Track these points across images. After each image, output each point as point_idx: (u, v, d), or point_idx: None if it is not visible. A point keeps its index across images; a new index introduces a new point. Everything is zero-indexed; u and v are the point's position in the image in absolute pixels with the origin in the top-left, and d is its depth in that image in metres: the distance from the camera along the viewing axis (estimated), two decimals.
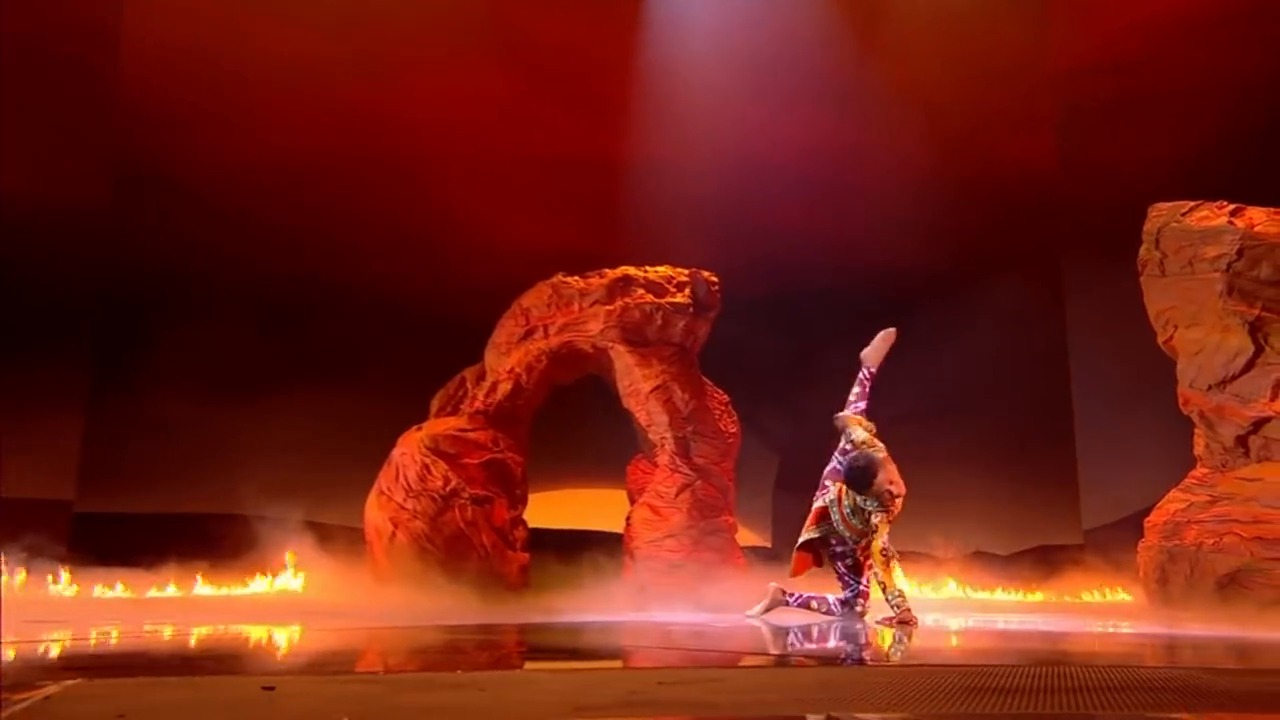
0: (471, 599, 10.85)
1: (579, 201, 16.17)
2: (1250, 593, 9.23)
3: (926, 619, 8.71)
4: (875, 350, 9.59)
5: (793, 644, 6.60)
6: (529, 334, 13.64)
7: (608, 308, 13.42)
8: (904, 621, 8.30)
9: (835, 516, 8.96)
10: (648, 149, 15.43)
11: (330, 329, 15.50)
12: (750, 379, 14.65)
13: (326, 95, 15.33)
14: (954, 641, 7.13)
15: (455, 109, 15.99)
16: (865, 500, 8.73)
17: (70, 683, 4.01)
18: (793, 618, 8.77)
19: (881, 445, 8.81)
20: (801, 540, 9.20)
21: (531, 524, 12.99)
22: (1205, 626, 8.19)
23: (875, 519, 8.64)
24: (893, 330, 9.58)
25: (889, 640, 6.95)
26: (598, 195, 15.83)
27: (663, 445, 13.04)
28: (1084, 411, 15.25)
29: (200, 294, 15.11)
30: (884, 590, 8.58)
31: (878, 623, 8.35)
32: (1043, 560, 14.64)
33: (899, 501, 8.61)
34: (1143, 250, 10.66)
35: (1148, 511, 10.65)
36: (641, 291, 13.74)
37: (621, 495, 13.67)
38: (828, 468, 9.25)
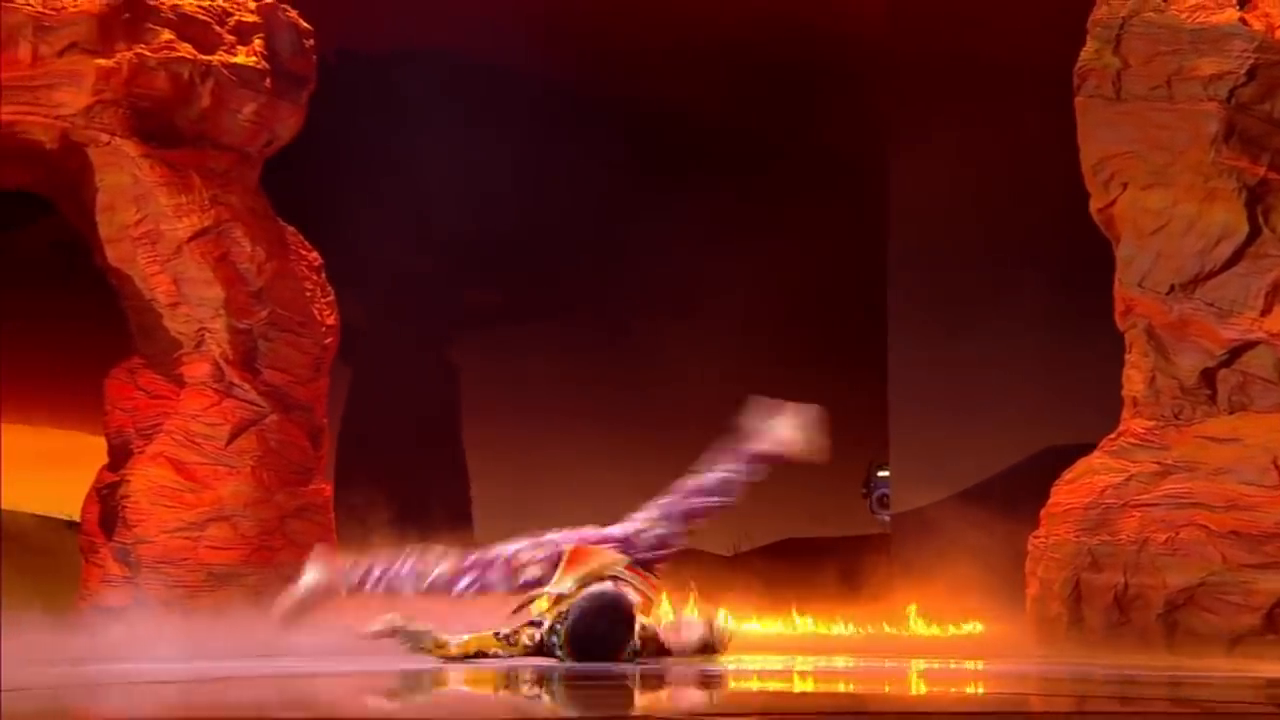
0: None
1: None
2: (1216, 618, 7.56)
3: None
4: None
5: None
6: None
7: (102, 62, 8.08)
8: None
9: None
10: None
11: None
12: (354, 223, 9.74)
13: None
14: None
15: None
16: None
17: None
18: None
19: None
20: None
21: None
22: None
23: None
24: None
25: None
26: None
27: (201, 344, 8.60)
28: (902, 319, 10.26)
29: None
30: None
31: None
32: (804, 565, 9.69)
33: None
34: (1087, 53, 8.18)
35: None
36: (169, 36, 8.20)
37: (89, 443, 9.26)
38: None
